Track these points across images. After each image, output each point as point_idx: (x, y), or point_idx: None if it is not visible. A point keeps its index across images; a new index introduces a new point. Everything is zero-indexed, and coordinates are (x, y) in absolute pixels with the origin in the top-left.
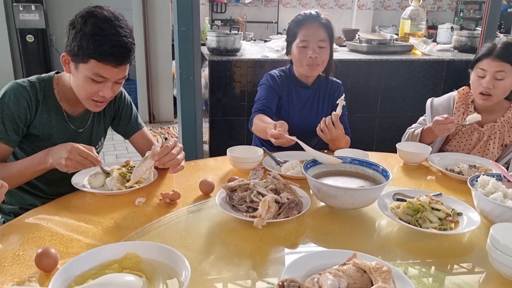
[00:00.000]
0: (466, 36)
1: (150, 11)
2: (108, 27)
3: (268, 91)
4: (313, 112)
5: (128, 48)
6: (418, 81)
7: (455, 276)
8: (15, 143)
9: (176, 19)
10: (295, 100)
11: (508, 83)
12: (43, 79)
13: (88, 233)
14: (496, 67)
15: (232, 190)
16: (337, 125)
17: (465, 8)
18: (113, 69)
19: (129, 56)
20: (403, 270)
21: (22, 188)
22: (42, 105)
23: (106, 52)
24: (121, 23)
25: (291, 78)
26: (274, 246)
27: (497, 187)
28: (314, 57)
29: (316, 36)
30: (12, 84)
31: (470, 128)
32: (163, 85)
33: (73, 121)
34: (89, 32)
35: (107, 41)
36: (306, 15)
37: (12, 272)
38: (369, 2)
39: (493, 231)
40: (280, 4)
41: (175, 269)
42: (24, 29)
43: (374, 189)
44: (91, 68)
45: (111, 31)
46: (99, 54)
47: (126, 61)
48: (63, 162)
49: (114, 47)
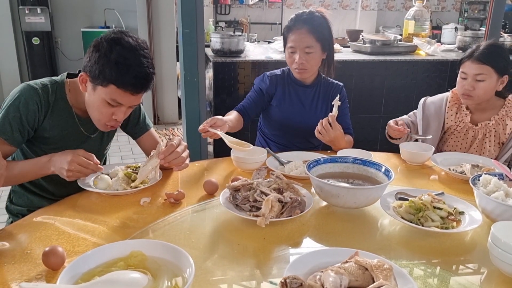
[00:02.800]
0: (470, 36)
1: (155, 13)
2: (132, 57)
3: (255, 96)
4: (313, 112)
5: (149, 79)
6: (422, 82)
7: (457, 274)
8: (19, 144)
9: (180, 21)
10: (294, 99)
11: (488, 84)
12: (55, 81)
13: (94, 232)
14: (475, 69)
15: (236, 189)
16: (334, 126)
17: (470, 8)
18: (130, 96)
19: (148, 86)
20: (405, 268)
21: (30, 190)
22: (53, 107)
23: (128, 82)
24: (145, 52)
25: (289, 78)
26: (277, 244)
27: (498, 186)
28: (300, 63)
29: (303, 42)
30: (24, 86)
31: (465, 126)
32: (167, 87)
33: (84, 124)
34: (114, 60)
35: (130, 71)
36: (295, 20)
37: (20, 270)
38: (373, 2)
39: (494, 229)
40: (284, 5)
41: (180, 266)
42: (30, 31)
43: (376, 189)
44: (110, 93)
45: (135, 62)
46: (120, 83)
47: (145, 90)
48: (64, 173)
49: (136, 77)
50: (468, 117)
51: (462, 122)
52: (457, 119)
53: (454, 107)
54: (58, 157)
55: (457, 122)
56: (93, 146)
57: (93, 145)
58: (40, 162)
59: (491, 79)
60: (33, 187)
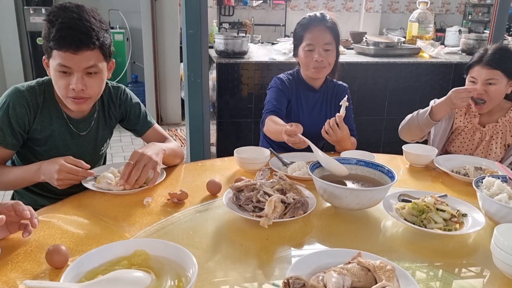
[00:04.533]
0: (474, 39)
1: (159, 14)
2: (62, 14)
3: (278, 94)
4: (321, 116)
5: (82, 30)
6: (425, 84)
7: (459, 276)
8: (14, 146)
9: (184, 22)
10: (303, 103)
11: (499, 88)
12: (42, 82)
13: (97, 231)
14: (486, 74)
15: (239, 190)
16: (341, 126)
17: (474, 11)
18: (73, 56)
19: (85, 40)
20: (407, 270)
21: (32, 191)
22: (42, 108)
23: (56, 36)
24: (79, 9)
25: (299, 81)
26: (280, 245)
27: (502, 189)
28: (320, 60)
29: (322, 39)
30: (12, 89)
31: (472, 128)
32: (171, 87)
33: (74, 123)
34: (46, 24)
35: (58, 26)
36: (311, 18)
37: (24, 268)
38: (377, 5)
39: (497, 231)
40: (287, 7)
41: (183, 266)
42: (34, 31)
43: (379, 190)
44: (54, 60)
45: (62, 15)
46: (53, 41)
47: (83, 44)
48: (55, 182)
49: (62, 29)
50: (477, 118)
51: (470, 123)
52: (466, 120)
53: (463, 108)
54: (46, 166)
55: (465, 123)
56: (86, 146)
57: (86, 145)
58: (31, 170)
59: (502, 83)
60: (36, 187)
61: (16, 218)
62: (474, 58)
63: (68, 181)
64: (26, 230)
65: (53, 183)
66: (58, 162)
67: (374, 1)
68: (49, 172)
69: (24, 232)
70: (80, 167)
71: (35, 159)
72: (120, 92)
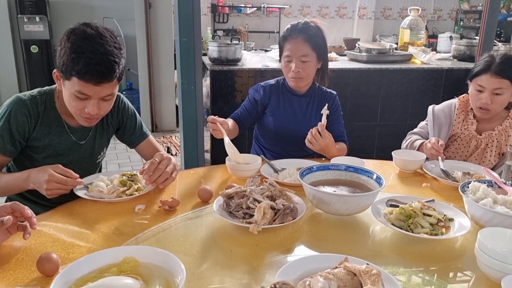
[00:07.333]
0: (465, 45)
1: (153, 21)
2: (86, 44)
3: (249, 105)
4: (307, 121)
5: (107, 66)
6: (417, 90)
7: (445, 280)
8: (12, 153)
9: (177, 30)
10: (288, 108)
11: (506, 97)
12: (44, 92)
13: (88, 239)
14: (495, 84)
15: (229, 197)
16: (323, 135)
17: (465, 17)
18: (94, 87)
19: (109, 74)
20: (394, 274)
21: (25, 197)
22: (43, 117)
23: (82, 71)
24: (103, 40)
25: (284, 87)
26: (270, 251)
27: (487, 193)
28: (296, 71)
29: (299, 51)
30: (14, 98)
31: (468, 135)
32: (165, 95)
33: (74, 132)
34: (68, 50)
35: (83, 59)
36: (292, 28)
37: (15, 276)
38: (370, 11)
39: (480, 235)
40: (281, 14)
41: (171, 272)
42: (28, 40)
43: (367, 196)
44: (73, 85)
45: (88, 49)
46: (76, 72)
47: (106, 79)
48: (44, 192)
49: (89, 65)
50: (474, 125)
51: (467, 130)
52: (463, 126)
53: (462, 115)
54: (35, 174)
55: (462, 129)
56: (84, 154)
57: (84, 153)
58: (20, 178)
59: (508, 93)
60: (29, 194)
61: (14, 220)
62: (480, 65)
63: (57, 191)
64: (26, 231)
65: (42, 192)
66: (47, 172)
67: (367, 7)
68: (38, 181)
69: (25, 233)
70: (69, 177)
71: (32, 166)
72: (119, 101)
